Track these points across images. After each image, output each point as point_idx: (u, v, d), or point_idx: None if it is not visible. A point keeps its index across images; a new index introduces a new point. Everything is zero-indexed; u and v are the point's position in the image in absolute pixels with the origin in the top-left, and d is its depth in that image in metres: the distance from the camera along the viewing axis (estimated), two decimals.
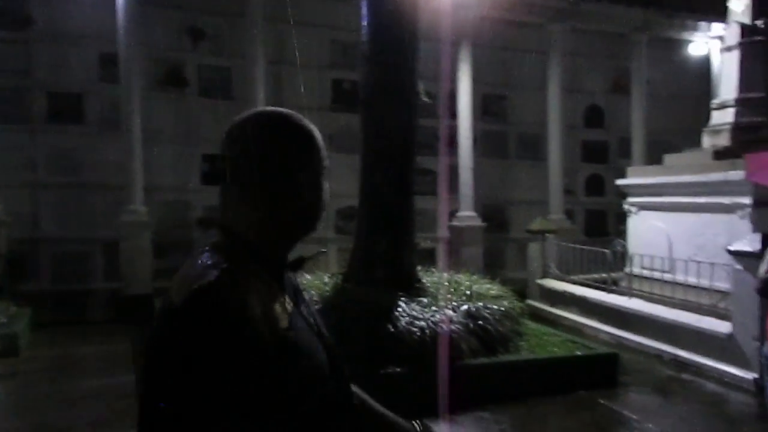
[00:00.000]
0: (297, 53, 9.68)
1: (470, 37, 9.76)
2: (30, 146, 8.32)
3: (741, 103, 7.20)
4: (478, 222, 9.97)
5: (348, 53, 9.75)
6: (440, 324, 4.87)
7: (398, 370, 4.66)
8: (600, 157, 11.81)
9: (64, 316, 7.79)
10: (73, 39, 8.44)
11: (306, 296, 1.17)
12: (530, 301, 8.35)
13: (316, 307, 5.03)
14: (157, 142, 8.80)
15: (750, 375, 5.26)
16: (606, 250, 7.57)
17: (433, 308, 5.07)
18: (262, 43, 8.80)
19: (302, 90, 9.64)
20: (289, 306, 1.03)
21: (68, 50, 8.49)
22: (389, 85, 5.68)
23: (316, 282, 5.81)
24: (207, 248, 1.04)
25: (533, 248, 8.87)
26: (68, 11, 8.37)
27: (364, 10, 5.74)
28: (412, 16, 5.71)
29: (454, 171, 9.94)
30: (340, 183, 9.49)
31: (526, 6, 10.03)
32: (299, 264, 1.14)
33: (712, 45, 11.07)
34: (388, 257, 5.64)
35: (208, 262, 0.98)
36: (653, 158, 9.41)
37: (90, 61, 8.67)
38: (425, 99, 6.12)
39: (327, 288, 5.59)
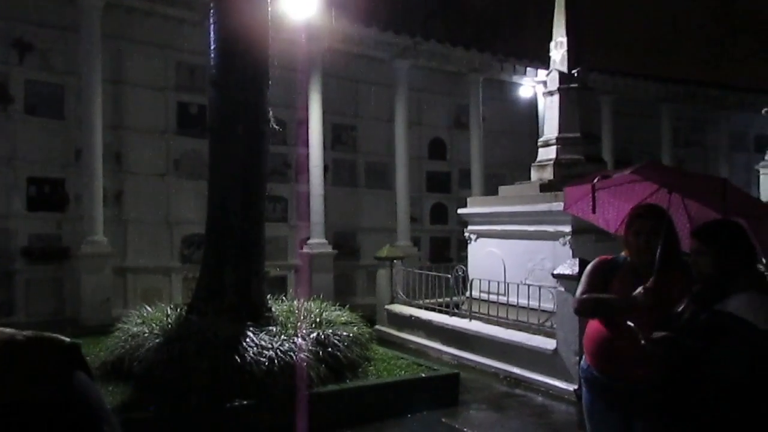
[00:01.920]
0: (139, 73, 9.21)
1: (321, 68, 9.96)
2: None
3: (561, 142, 8.07)
4: (328, 249, 10.06)
5: (195, 76, 9.46)
6: (289, 353, 4.82)
7: (245, 402, 4.53)
8: (443, 187, 12.51)
9: None
10: None
11: None
12: (379, 327, 8.54)
13: (156, 341, 4.77)
14: None
15: (572, 387, 5.81)
16: (449, 276, 8.00)
17: (283, 337, 5.01)
18: (99, 61, 8.25)
19: (144, 112, 9.17)
20: None
21: None
22: (238, 111, 5.60)
23: (158, 314, 5.49)
24: None
25: (382, 274, 9.11)
26: None
27: (212, 35, 5.64)
28: (261, 42, 5.70)
29: (305, 198, 9.99)
30: (187, 209, 9.17)
31: (374, 42, 10.48)
32: None
33: (538, 88, 12.28)
34: (237, 286, 5.49)
35: None
36: (491, 189, 10.17)
37: None
38: (275, 126, 6.10)
39: (170, 320, 5.31)
